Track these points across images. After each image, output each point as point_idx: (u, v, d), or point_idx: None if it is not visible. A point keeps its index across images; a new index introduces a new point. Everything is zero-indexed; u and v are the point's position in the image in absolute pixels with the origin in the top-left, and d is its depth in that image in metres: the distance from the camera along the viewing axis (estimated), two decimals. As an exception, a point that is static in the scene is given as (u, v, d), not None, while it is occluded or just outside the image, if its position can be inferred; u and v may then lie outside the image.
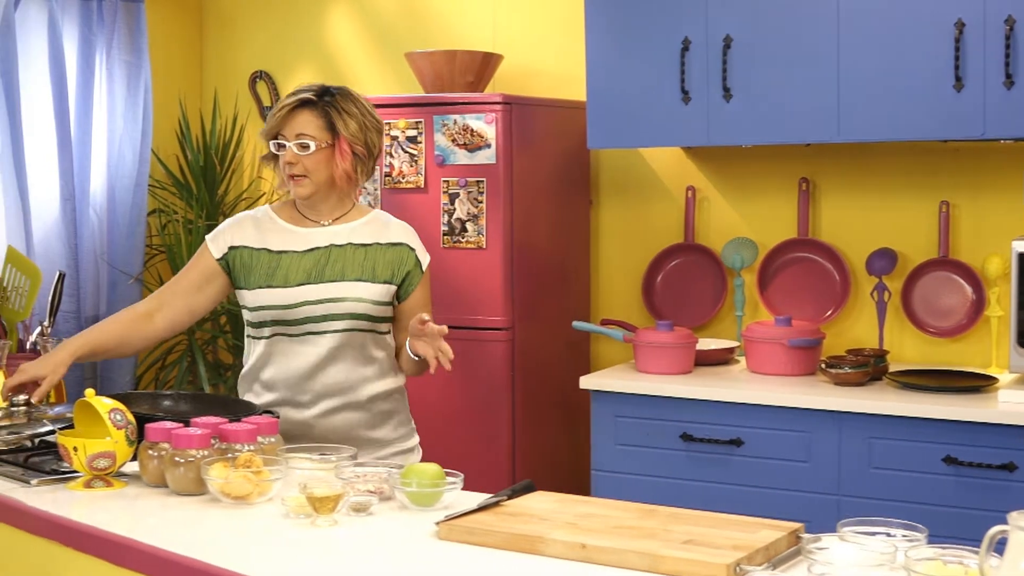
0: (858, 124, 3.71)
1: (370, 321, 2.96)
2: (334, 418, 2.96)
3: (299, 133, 2.90)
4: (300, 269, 2.94)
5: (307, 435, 2.94)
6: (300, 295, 2.92)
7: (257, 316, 2.95)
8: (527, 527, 2.19)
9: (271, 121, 2.93)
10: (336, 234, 2.98)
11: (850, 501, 3.53)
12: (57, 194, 4.71)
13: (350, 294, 2.93)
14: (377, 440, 3.03)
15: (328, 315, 2.92)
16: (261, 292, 2.93)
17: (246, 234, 2.99)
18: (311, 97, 2.91)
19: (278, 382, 2.96)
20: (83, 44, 4.82)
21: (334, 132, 2.92)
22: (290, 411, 2.94)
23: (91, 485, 2.55)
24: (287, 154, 2.90)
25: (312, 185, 2.93)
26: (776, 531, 2.17)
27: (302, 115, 2.91)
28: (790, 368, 3.87)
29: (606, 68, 4.07)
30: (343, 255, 2.96)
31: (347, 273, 2.95)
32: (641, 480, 3.83)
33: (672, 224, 4.47)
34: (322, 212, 3.00)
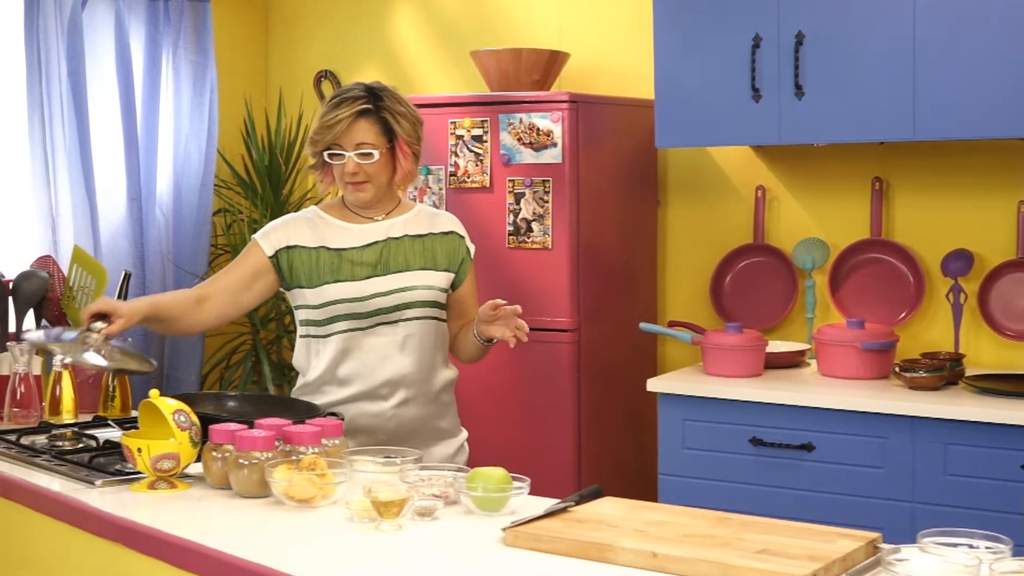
0: (935, 122, 3.62)
1: (437, 308, 3.02)
2: (409, 409, 2.99)
3: (360, 143, 2.93)
4: (364, 263, 2.97)
5: (383, 428, 2.97)
6: (370, 287, 2.95)
7: (326, 312, 2.95)
8: (595, 534, 2.14)
9: (324, 132, 2.93)
10: (391, 227, 3.03)
11: (925, 509, 3.44)
12: (124, 194, 4.73)
13: (419, 282, 2.99)
14: (444, 430, 3.08)
15: (400, 305, 2.96)
16: (329, 287, 2.95)
17: (301, 234, 3.00)
18: (368, 107, 2.92)
19: (356, 377, 2.96)
20: (150, 44, 4.83)
21: (391, 136, 2.94)
22: (367, 404, 2.96)
23: (155, 487, 2.53)
24: (348, 164, 2.93)
25: (374, 190, 2.98)
26: (853, 541, 2.10)
27: (360, 125, 2.93)
28: (863, 372, 3.78)
29: (675, 66, 4.01)
30: (402, 246, 3.01)
31: (411, 263, 3.00)
32: (709, 485, 3.77)
33: (741, 224, 4.39)
34: (375, 209, 3.04)
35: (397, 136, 2.95)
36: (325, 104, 2.97)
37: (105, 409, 3.22)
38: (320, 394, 3.00)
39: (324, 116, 2.94)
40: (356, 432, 2.95)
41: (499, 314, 2.90)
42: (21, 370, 3.17)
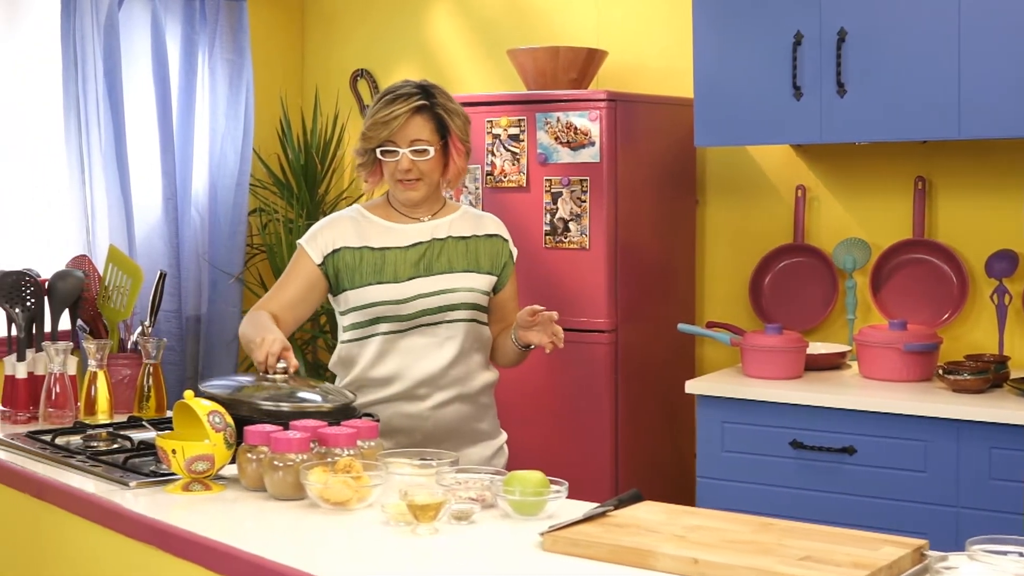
0: (980, 120, 3.55)
1: (479, 311, 3.00)
2: (447, 410, 2.97)
3: (415, 139, 2.90)
4: (407, 264, 2.96)
5: (419, 428, 2.95)
6: (413, 289, 2.93)
7: (367, 314, 2.94)
8: (635, 540, 2.10)
9: (378, 129, 2.90)
10: (436, 228, 3.01)
11: (969, 514, 3.39)
12: (159, 193, 4.72)
13: (462, 284, 2.97)
14: (483, 432, 3.06)
15: (443, 307, 2.94)
16: (371, 289, 2.93)
17: (345, 234, 2.99)
18: (424, 103, 2.91)
19: (394, 377, 2.95)
20: (186, 43, 4.82)
21: (443, 134, 2.93)
22: (405, 405, 2.95)
23: (189, 488, 2.51)
24: (402, 161, 2.90)
25: (426, 188, 2.96)
26: (899, 548, 2.06)
27: (416, 121, 2.90)
28: (905, 374, 3.73)
29: (714, 63, 3.96)
30: (446, 248, 2.99)
31: (455, 264, 2.99)
32: (748, 488, 3.72)
33: (781, 224, 4.34)
34: (421, 209, 3.02)
35: (451, 133, 2.93)
36: (376, 101, 2.94)
37: (140, 409, 3.21)
38: (358, 394, 2.96)
39: (377, 113, 2.91)
40: (393, 433, 2.93)
41: (537, 320, 2.87)
42: (56, 370, 3.16)
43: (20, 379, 3.27)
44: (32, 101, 4.58)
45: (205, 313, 4.89)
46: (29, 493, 2.72)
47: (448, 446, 2.93)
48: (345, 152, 5.33)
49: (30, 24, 4.56)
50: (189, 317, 4.83)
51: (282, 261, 4.94)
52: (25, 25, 4.55)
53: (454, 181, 3.00)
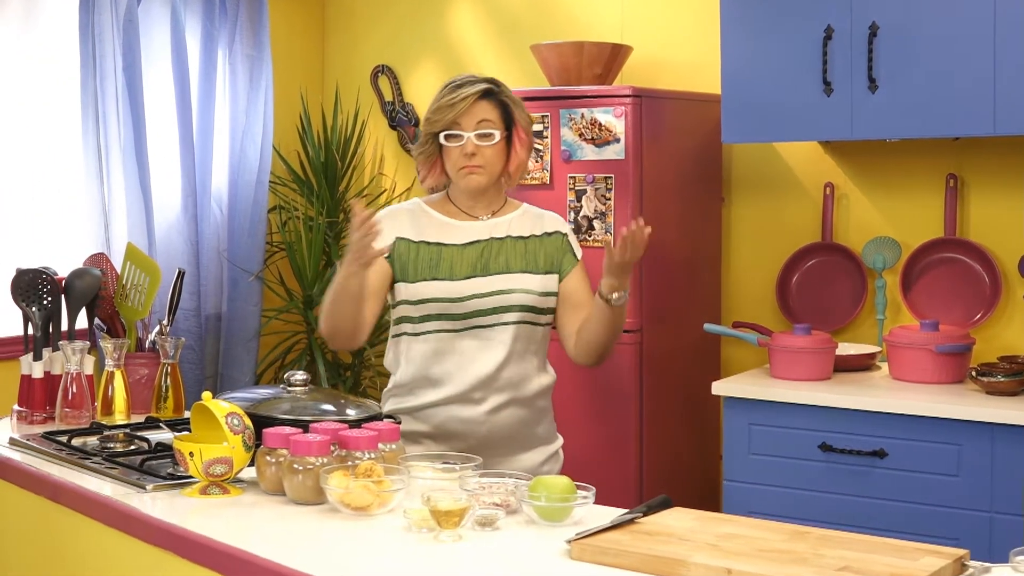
0: (1017, 116, 3.47)
1: (536, 313, 2.92)
2: (502, 414, 2.89)
3: (482, 120, 2.85)
4: (464, 262, 2.90)
5: (474, 433, 2.88)
6: (469, 288, 2.87)
7: (419, 309, 2.88)
8: (666, 548, 2.04)
9: (445, 111, 2.85)
10: (495, 227, 2.94)
11: (1004, 519, 3.31)
12: (179, 191, 4.68)
13: (518, 285, 2.90)
14: (538, 437, 2.99)
15: (498, 307, 2.87)
16: (426, 285, 2.87)
17: (403, 226, 2.93)
18: (492, 88, 2.88)
19: (448, 379, 2.88)
20: (205, 38, 4.77)
21: (508, 124, 2.89)
22: (459, 409, 2.87)
23: (207, 492, 2.46)
24: (467, 145, 2.85)
25: (488, 177, 2.89)
26: (939, 558, 1.99)
27: (483, 105, 2.86)
28: (937, 376, 3.65)
29: (742, 58, 3.89)
30: (504, 247, 2.93)
31: (512, 265, 2.91)
32: (776, 492, 3.65)
33: (809, 222, 4.27)
34: (480, 206, 2.96)
35: (515, 123, 2.90)
36: (440, 91, 2.90)
37: (157, 410, 3.16)
38: (412, 396, 2.92)
39: (443, 98, 2.87)
40: (448, 437, 2.88)
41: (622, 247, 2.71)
42: (73, 369, 3.12)
43: (36, 379, 3.22)
44: (50, 98, 4.54)
45: (225, 311, 4.84)
46: (45, 496, 2.68)
47: (503, 452, 2.88)
48: (366, 149, 5.28)
49: (48, 20, 4.52)
50: (209, 316, 4.79)
51: (302, 259, 4.89)
52: (43, 21, 4.51)
53: (515, 175, 2.95)
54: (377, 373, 4.99)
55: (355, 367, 5.03)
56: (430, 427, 2.90)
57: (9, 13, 4.40)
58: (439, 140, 2.88)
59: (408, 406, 2.91)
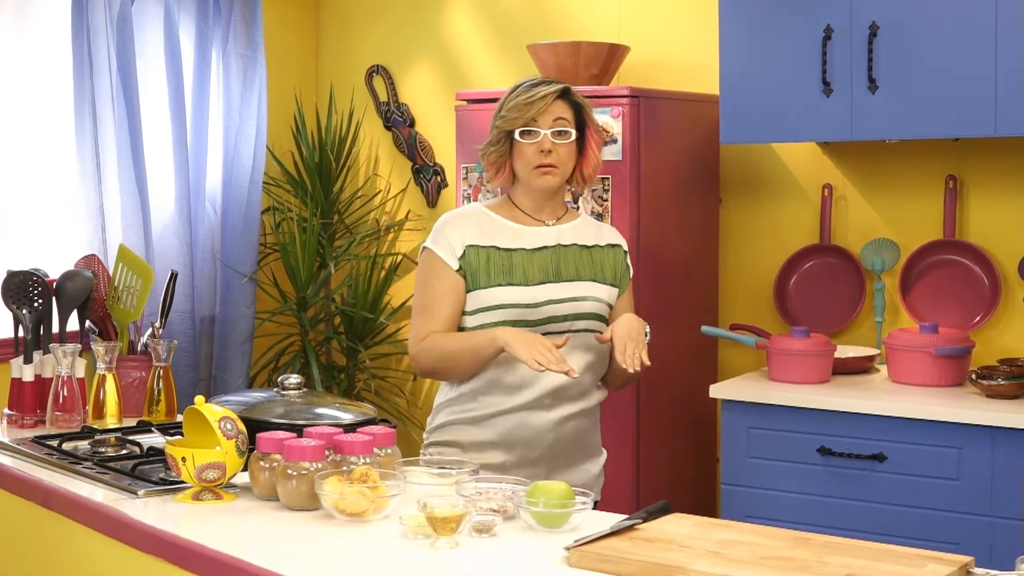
0: (1018, 117, 3.44)
1: (602, 323, 2.91)
2: (569, 424, 2.87)
3: (558, 118, 2.85)
4: (535, 267, 2.87)
5: (541, 440, 2.84)
6: (544, 294, 2.84)
7: (495, 315, 2.81)
8: (666, 555, 2.01)
9: (524, 109, 2.83)
10: (560, 234, 2.93)
11: (1005, 524, 3.29)
12: (173, 191, 4.64)
13: (591, 293, 2.89)
14: (596, 448, 3.01)
15: (571, 315, 2.86)
16: (500, 290, 2.83)
17: (470, 232, 2.88)
18: (567, 88, 2.89)
19: (523, 385, 2.82)
20: (199, 38, 4.74)
21: (581, 126, 2.90)
22: (529, 415, 2.83)
23: (199, 497, 2.43)
24: (544, 141, 2.83)
25: (561, 177, 2.88)
26: (945, 565, 1.96)
27: (559, 104, 2.87)
28: (936, 379, 3.63)
29: (741, 59, 3.86)
30: (571, 255, 2.92)
31: (582, 273, 2.91)
32: (775, 496, 3.62)
33: (807, 224, 4.24)
34: (546, 211, 2.93)
35: (588, 125, 2.90)
36: (512, 91, 2.89)
37: (150, 413, 3.13)
38: (477, 404, 2.85)
39: (519, 96, 2.86)
40: (513, 445, 2.83)
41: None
42: (64, 372, 3.08)
43: (27, 382, 3.19)
44: (44, 97, 4.49)
45: (218, 313, 4.80)
46: (35, 501, 2.64)
47: (565, 462, 2.87)
48: (360, 150, 5.24)
49: (41, 19, 4.48)
50: (203, 318, 4.75)
51: (296, 260, 4.86)
52: (36, 20, 4.47)
53: (591, 177, 2.94)
54: (372, 376, 4.95)
55: (349, 370, 5.00)
56: (496, 435, 2.84)
57: (2, 12, 4.36)
58: (512, 138, 2.86)
59: (473, 415, 2.85)
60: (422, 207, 5.11)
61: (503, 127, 2.86)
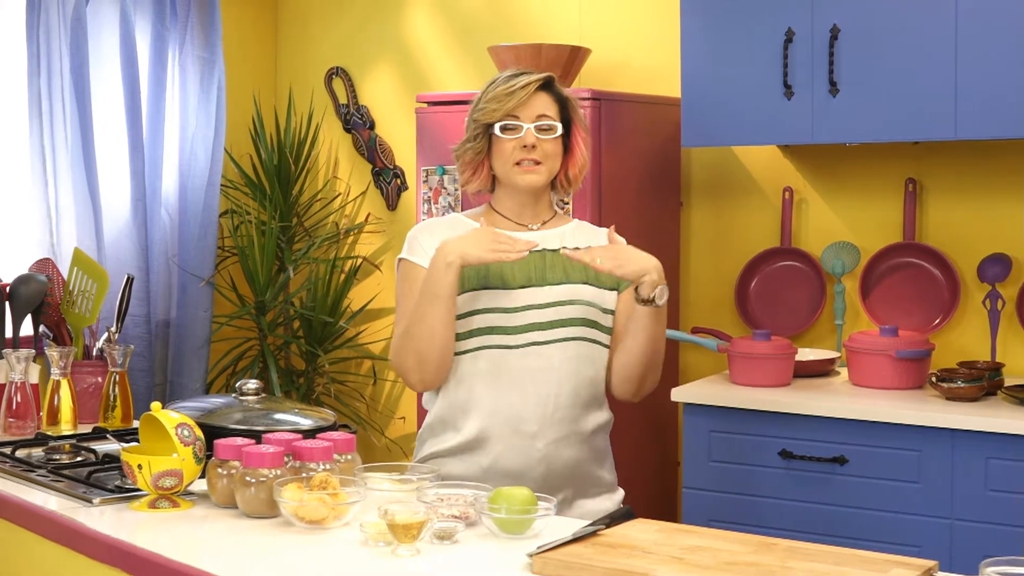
0: (978, 121, 3.45)
1: (597, 331, 2.67)
2: (561, 449, 2.63)
3: (541, 114, 2.65)
4: (518, 271, 2.63)
5: (530, 471, 2.61)
6: (524, 298, 2.62)
7: (470, 323, 2.61)
8: (629, 562, 1.99)
9: (502, 100, 2.64)
10: (546, 239, 2.70)
11: (964, 526, 3.29)
12: (128, 194, 4.58)
13: (579, 296, 2.65)
14: (603, 481, 2.75)
15: (557, 320, 2.62)
16: (475, 294, 2.61)
17: (444, 237, 2.63)
18: (549, 80, 2.69)
19: (502, 405, 2.61)
20: (156, 39, 4.68)
21: (566, 123, 2.70)
22: (514, 440, 2.61)
23: (156, 505, 2.39)
24: (527, 136, 2.63)
25: (546, 175, 2.67)
26: (909, 570, 1.95)
27: (542, 97, 2.67)
28: (897, 381, 3.63)
29: (702, 61, 3.85)
30: (559, 258, 2.67)
31: (571, 275, 2.66)
32: (736, 500, 3.61)
33: (767, 227, 4.24)
34: (528, 214, 2.72)
35: (574, 122, 2.71)
36: (491, 82, 2.70)
37: (105, 419, 3.08)
38: (453, 431, 2.66)
39: (497, 87, 2.67)
40: (500, 477, 2.58)
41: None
42: (17, 378, 3.03)
43: (-21, 388, 3.14)
44: (-4, 98, 4.44)
45: (175, 318, 4.75)
46: (-13, 510, 2.59)
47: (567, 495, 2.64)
48: (319, 152, 5.21)
49: (-6, 19, 4.42)
50: (158, 322, 4.69)
51: (254, 264, 4.81)
52: (-11, 20, 4.41)
53: (578, 178, 2.73)
54: (331, 380, 4.91)
55: (308, 374, 4.96)
56: (477, 469, 2.62)
57: (-47, 12, 4.30)
58: (491, 134, 2.66)
59: (449, 445, 2.66)
60: (382, 210, 5.08)
61: (481, 120, 2.67)
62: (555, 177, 2.74)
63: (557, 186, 2.76)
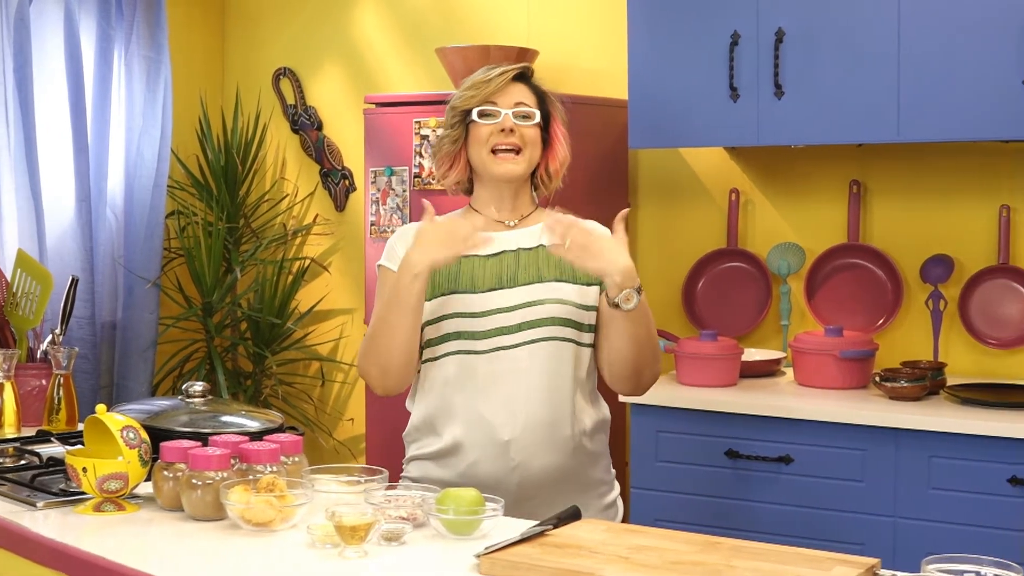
0: (920, 123, 3.50)
1: (574, 329, 2.58)
2: (536, 460, 2.55)
3: (519, 102, 2.60)
4: (488, 273, 2.58)
5: (504, 483, 2.53)
6: (491, 301, 2.55)
7: (437, 329, 2.57)
8: (576, 562, 2.00)
9: (479, 88, 2.59)
10: (524, 236, 2.64)
11: (908, 524, 3.33)
12: (72, 195, 4.54)
13: (550, 295, 2.56)
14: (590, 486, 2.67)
15: (524, 323, 2.54)
16: (444, 300, 2.56)
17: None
18: (526, 72, 2.65)
19: (473, 413, 2.55)
20: (101, 39, 4.64)
21: (545, 116, 2.65)
22: (487, 450, 2.55)
23: (101, 509, 2.37)
24: (505, 120, 2.57)
25: (526, 164, 2.61)
26: (852, 568, 1.97)
27: (519, 87, 2.63)
28: (841, 381, 3.67)
29: (649, 64, 3.88)
30: (535, 257, 2.61)
31: (544, 274, 2.59)
32: (683, 499, 3.64)
33: (714, 229, 4.27)
34: (507, 208, 2.66)
35: (553, 116, 2.66)
36: (470, 77, 2.65)
37: (50, 423, 3.05)
38: (433, 437, 2.61)
39: (476, 76, 2.62)
40: (476, 485, 2.41)
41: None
42: (-40, 381, 3.00)
43: (-79, 391, 3.10)
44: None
45: (120, 319, 4.71)
46: (-71, 514, 2.56)
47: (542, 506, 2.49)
48: (267, 153, 5.18)
49: (-65, 17, 4.36)
50: (103, 324, 4.65)
51: (201, 265, 4.79)
52: (-70, 18, 4.35)
53: (558, 172, 2.69)
54: (279, 382, 4.90)
55: (256, 376, 4.94)
56: (456, 474, 2.57)
57: None
58: (468, 121, 2.61)
59: (430, 450, 2.62)
60: (330, 211, 5.07)
61: (459, 106, 2.62)
62: (535, 172, 2.70)
63: (537, 182, 2.71)
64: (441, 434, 2.60)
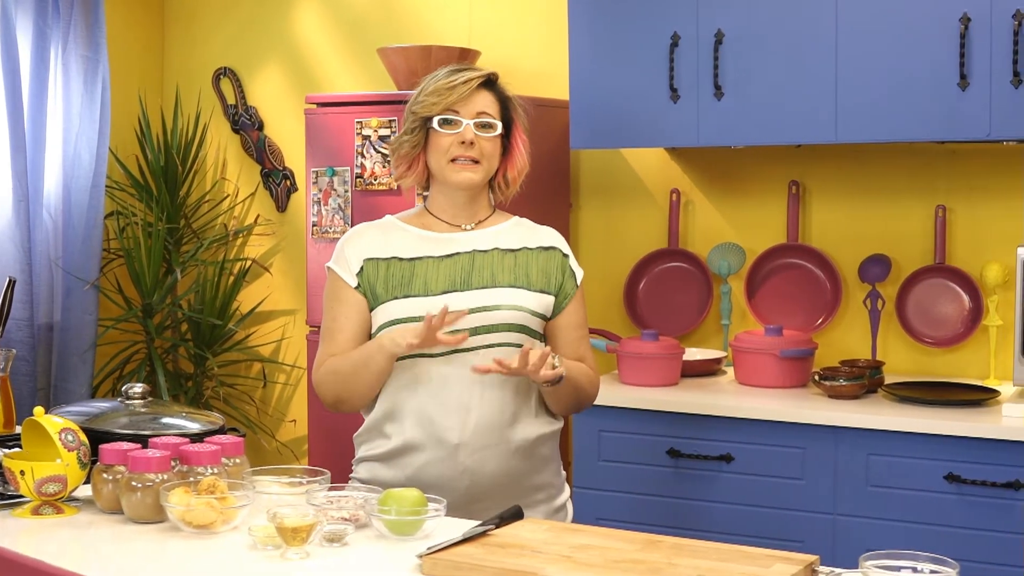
0: (857, 124, 3.54)
1: (527, 336, 2.59)
2: (485, 465, 2.55)
3: (481, 111, 2.59)
4: (441, 276, 2.58)
5: (453, 485, 2.53)
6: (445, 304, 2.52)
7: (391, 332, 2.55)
8: (519, 561, 2.01)
9: (443, 95, 2.57)
10: (479, 239, 2.64)
11: (846, 521, 3.37)
12: (9, 195, 4.48)
13: (506, 301, 2.57)
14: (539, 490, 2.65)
15: (479, 327, 2.54)
16: (396, 304, 2.56)
17: (371, 245, 2.62)
18: (492, 78, 2.65)
19: (422, 414, 2.54)
20: (37, 37, 4.58)
21: (507, 123, 2.65)
22: (436, 452, 2.54)
23: (39, 512, 2.35)
24: (466, 132, 2.56)
25: (484, 174, 2.61)
26: (791, 565, 2.00)
27: (483, 94, 2.62)
28: (781, 380, 3.70)
29: (590, 64, 3.89)
30: (489, 260, 2.61)
31: (499, 278, 2.59)
32: (626, 498, 3.66)
33: (655, 229, 4.29)
34: (464, 213, 2.66)
35: (515, 123, 2.66)
36: (433, 76, 2.63)
37: (-14, 425, 3.01)
38: (383, 438, 2.60)
39: (439, 81, 2.59)
40: (425, 488, 2.40)
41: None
42: None
43: None
44: None
45: (59, 321, 4.66)
46: None
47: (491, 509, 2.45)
48: (207, 153, 5.15)
49: None
50: (41, 326, 4.60)
51: (140, 266, 4.74)
52: None
53: (515, 181, 2.69)
54: (220, 383, 4.86)
55: (197, 377, 4.90)
56: (404, 476, 2.56)
57: None
58: (428, 128, 2.59)
59: (380, 451, 2.60)
60: (271, 211, 5.04)
61: (420, 112, 2.59)
62: (493, 178, 2.70)
63: (495, 188, 2.72)
64: (391, 436, 2.59)
